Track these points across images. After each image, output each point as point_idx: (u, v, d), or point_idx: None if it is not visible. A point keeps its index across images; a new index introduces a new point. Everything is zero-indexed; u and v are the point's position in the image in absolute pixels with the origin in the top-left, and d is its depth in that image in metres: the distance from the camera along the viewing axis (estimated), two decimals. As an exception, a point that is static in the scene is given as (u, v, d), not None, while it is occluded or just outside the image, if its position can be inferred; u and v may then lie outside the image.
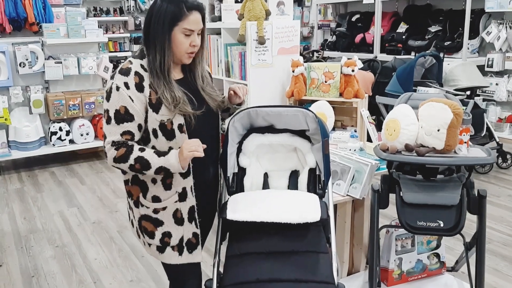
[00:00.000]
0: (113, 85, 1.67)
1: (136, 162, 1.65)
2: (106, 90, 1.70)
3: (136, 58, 1.74)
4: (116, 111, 1.66)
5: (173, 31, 1.69)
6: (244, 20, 3.51)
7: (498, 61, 5.86)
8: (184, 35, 1.70)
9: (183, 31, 1.69)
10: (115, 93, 1.66)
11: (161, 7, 1.67)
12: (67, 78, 5.26)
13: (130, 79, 1.67)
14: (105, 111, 1.70)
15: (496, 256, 3.11)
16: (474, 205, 2.18)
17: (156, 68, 1.69)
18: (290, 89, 3.54)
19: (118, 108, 1.65)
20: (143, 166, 1.66)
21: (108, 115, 1.67)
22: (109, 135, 1.68)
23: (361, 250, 2.76)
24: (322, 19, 8.65)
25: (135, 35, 8.41)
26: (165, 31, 1.68)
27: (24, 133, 5.05)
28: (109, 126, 1.67)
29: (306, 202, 1.86)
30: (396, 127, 2.14)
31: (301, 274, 1.73)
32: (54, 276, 3.03)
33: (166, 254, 1.81)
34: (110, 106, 1.67)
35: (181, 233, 1.80)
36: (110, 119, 1.67)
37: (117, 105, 1.66)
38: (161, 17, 1.67)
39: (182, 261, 1.83)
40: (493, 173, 4.66)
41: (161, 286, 2.86)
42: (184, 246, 1.82)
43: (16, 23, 5.71)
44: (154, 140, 1.72)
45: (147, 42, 1.72)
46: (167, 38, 1.68)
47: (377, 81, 4.94)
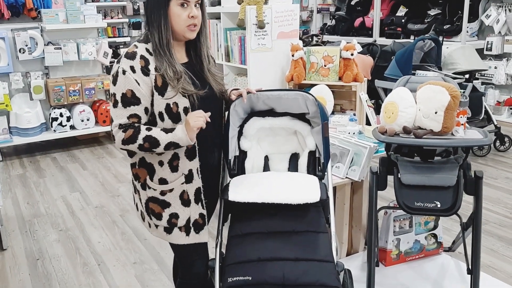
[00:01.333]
0: (119, 69, 1.68)
1: (144, 141, 1.67)
2: (112, 74, 1.71)
3: (141, 42, 1.75)
4: (123, 95, 1.67)
5: (169, 5, 1.69)
6: (243, 4, 3.52)
7: (497, 44, 5.86)
8: (181, 5, 1.70)
9: (178, 2, 1.69)
10: (121, 76, 1.67)
11: None
12: (66, 64, 5.27)
13: (135, 63, 1.68)
14: (112, 95, 1.71)
15: (493, 237, 3.17)
16: (470, 186, 2.22)
17: (157, 46, 1.71)
18: (290, 73, 3.57)
19: (124, 91, 1.67)
20: (152, 144, 1.68)
21: (115, 99, 1.69)
22: (116, 118, 1.70)
23: (360, 231, 2.81)
24: (321, 3, 8.61)
25: (134, 20, 8.38)
26: (160, 5, 1.69)
27: (25, 119, 5.08)
28: (116, 109, 1.69)
29: (306, 183, 1.90)
30: (394, 110, 2.17)
31: (301, 253, 1.77)
32: (58, 259, 3.08)
33: (173, 235, 1.85)
34: (116, 89, 1.68)
35: (188, 214, 1.84)
36: (117, 102, 1.69)
37: (123, 88, 1.67)
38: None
39: (189, 241, 1.86)
40: (491, 156, 4.70)
41: (163, 267, 2.91)
42: (191, 227, 1.85)
43: (15, 9, 5.71)
44: (160, 123, 1.74)
45: (148, 22, 1.73)
46: (162, 13, 1.69)
47: (376, 65, 4.95)
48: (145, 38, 1.76)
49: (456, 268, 2.68)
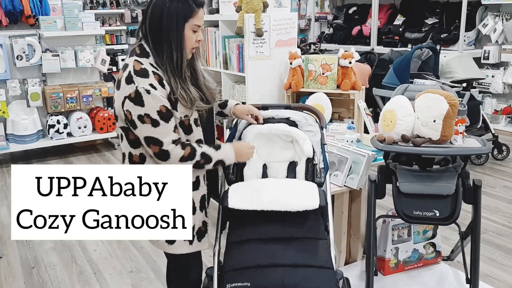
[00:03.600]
0: (139, 89, 1.64)
1: (201, 157, 1.73)
2: (129, 96, 1.65)
3: (142, 57, 1.72)
4: (159, 112, 1.65)
5: (184, 28, 1.71)
6: (242, 12, 3.52)
7: (494, 53, 5.89)
8: (193, 31, 1.73)
9: (192, 27, 1.72)
10: (147, 96, 1.64)
11: (171, 5, 1.68)
12: (64, 71, 5.25)
13: (152, 80, 1.67)
14: (145, 116, 1.65)
15: (491, 246, 3.16)
16: (469, 194, 2.21)
17: (173, 66, 1.71)
18: (288, 81, 3.56)
19: (158, 109, 1.65)
20: (206, 161, 1.75)
21: (152, 118, 1.65)
22: (163, 136, 1.67)
23: (358, 240, 2.79)
24: (319, 12, 8.65)
25: (132, 27, 8.39)
26: (179, 28, 1.70)
27: (22, 126, 5.05)
28: (159, 128, 1.66)
29: (305, 190, 1.90)
30: (393, 118, 2.17)
31: (300, 259, 1.77)
32: (54, 267, 3.06)
33: (176, 245, 1.82)
34: (148, 110, 1.64)
35: (193, 222, 1.83)
36: (157, 121, 1.65)
37: (156, 106, 1.65)
38: (173, 15, 1.68)
39: (192, 250, 1.85)
40: (488, 165, 4.70)
41: (160, 276, 2.89)
42: (195, 235, 1.85)
43: (13, 15, 5.71)
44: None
45: (158, 40, 1.71)
46: (182, 36, 1.71)
47: (374, 73, 4.96)
48: (142, 52, 1.74)
49: (454, 277, 2.66)
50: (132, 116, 1.66)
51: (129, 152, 1.77)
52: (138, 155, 1.76)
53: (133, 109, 1.65)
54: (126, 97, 1.65)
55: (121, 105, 1.68)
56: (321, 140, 2.08)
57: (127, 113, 1.67)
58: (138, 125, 1.67)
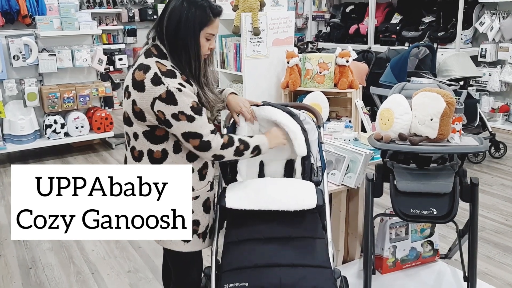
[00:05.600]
0: (170, 88, 1.65)
1: (240, 143, 1.78)
2: (159, 97, 1.65)
3: (161, 59, 1.73)
4: (192, 108, 1.68)
5: (200, 36, 1.72)
6: (238, 11, 3.52)
7: (491, 52, 5.90)
8: (206, 39, 1.75)
9: (206, 35, 1.74)
10: (179, 94, 1.65)
11: (189, 11, 1.69)
12: (61, 70, 5.23)
13: (180, 79, 1.69)
14: (179, 113, 1.66)
15: (489, 244, 3.16)
16: (466, 192, 2.22)
17: (192, 73, 1.74)
18: (285, 80, 3.56)
19: (191, 105, 1.67)
20: (245, 147, 1.79)
21: (187, 115, 1.66)
22: (202, 128, 1.69)
23: (356, 239, 2.79)
24: (316, 10, 8.64)
25: (129, 27, 8.37)
26: (196, 36, 1.71)
27: (18, 126, 5.04)
28: (195, 122, 1.68)
29: (302, 189, 1.90)
30: (390, 117, 2.17)
31: (298, 259, 1.77)
32: (51, 267, 3.05)
33: (192, 243, 1.84)
34: (182, 107, 1.66)
35: (207, 221, 1.89)
36: (192, 116, 1.67)
37: (188, 103, 1.67)
38: (190, 22, 1.69)
39: (204, 247, 1.91)
40: (486, 163, 4.71)
41: (158, 276, 2.88)
42: (208, 233, 1.91)
43: (9, 15, 5.68)
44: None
45: (175, 45, 1.72)
46: (199, 43, 1.73)
47: (371, 72, 4.96)
48: (160, 54, 1.74)
49: (452, 275, 2.67)
50: (165, 115, 1.67)
51: (149, 149, 1.76)
52: (160, 151, 1.75)
53: (165, 109, 1.66)
54: (156, 98, 1.65)
55: (150, 107, 1.67)
56: (319, 139, 2.07)
57: (159, 114, 1.67)
58: (173, 123, 1.68)
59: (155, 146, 1.75)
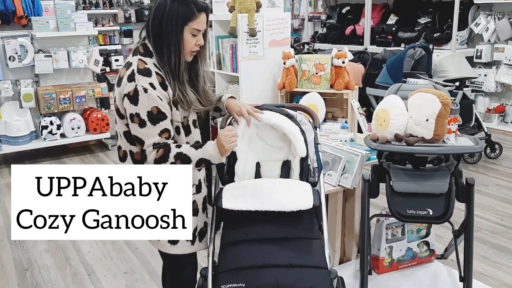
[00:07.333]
0: (137, 87, 1.65)
1: (176, 159, 1.68)
2: (128, 93, 1.67)
3: (145, 57, 1.74)
4: (149, 113, 1.66)
5: (183, 31, 1.72)
6: (235, 12, 3.52)
7: (486, 52, 5.92)
8: (192, 35, 1.74)
9: (191, 31, 1.73)
10: (143, 95, 1.65)
11: (172, 7, 1.69)
12: (57, 71, 5.22)
13: (153, 80, 1.68)
14: (135, 115, 1.67)
15: (485, 244, 3.18)
16: (462, 193, 2.23)
17: (171, 68, 1.72)
18: (282, 81, 3.57)
19: (150, 109, 1.66)
20: (184, 161, 1.69)
21: (140, 118, 1.66)
22: (147, 138, 1.68)
23: (352, 239, 2.80)
24: (313, 11, 8.66)
25: (125, 28, 8.36)
26: (178, 31, 1.71)
27: (14, 128, 5.02)
28: (144, 129, 1.67)
29: (299, 190, 1.90)
30: (386, 118, 2.17)
31: (295, 259, 1.78)
32: (48, 269, 3.04)
33: (179, 246, 1.84)
34: (140, 109, 1.66)
35: (195, 224, 1.87)
36: (144, 122, 1.66)
37: (148, 107, 1.66)
38: (173, 17, 1.69)
39: (194, 250, 1.89)
40: (481, 163, 4.72)
41: (155, 277, 2.88)
42: (197, 236, 1.89)
43: (5, 16, 5.66)
44: (176, 136, 1.77)
45: (159, 41, 1.72)
46: (181, 38, 1.71)
47: (367, 72, 4.97)
48: (146, 52, 1.75)
49: (448, 275, 2.68)
50: (126, 114, 1.70)
51: (130, 150, 1.79)
52: (140, 152, 1.76)
53: (128, 107, 1.68)
54: (126, 94, 1.67)
55: (121, 102, 1.70)
56: (315, 139, 2.08)
57: (124, 111, 1.71)
58: (129, 123, 1.71)
59: (134, 147, 1.77)
